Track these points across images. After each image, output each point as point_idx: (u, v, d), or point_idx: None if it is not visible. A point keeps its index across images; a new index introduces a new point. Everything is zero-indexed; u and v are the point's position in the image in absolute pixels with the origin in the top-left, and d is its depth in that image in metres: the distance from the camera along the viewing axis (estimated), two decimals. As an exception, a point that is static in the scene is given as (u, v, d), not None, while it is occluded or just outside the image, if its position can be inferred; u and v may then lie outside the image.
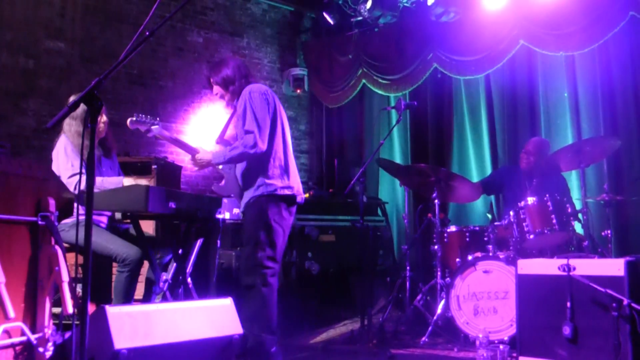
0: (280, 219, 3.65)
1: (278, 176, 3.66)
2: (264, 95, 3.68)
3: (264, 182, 3.62)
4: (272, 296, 3.59)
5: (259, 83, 3.85)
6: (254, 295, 3.55)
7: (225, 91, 3.82)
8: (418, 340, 4.57)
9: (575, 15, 5.86)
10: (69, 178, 3.86)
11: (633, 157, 5.79)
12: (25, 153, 5.77)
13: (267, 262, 3.58)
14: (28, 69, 5.98)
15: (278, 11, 8.24)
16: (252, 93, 3.66)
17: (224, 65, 3.82)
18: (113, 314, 2.74)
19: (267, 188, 3.61)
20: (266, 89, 3.75)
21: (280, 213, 3.65)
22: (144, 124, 3.78)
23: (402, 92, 7.26)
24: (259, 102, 3.64)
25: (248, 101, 3.64)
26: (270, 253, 3.59)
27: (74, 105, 2.17)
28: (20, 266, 3.00)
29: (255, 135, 3.55)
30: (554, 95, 6.39)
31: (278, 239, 3.63)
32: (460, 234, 5.05)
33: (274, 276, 3.63)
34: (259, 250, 3.57)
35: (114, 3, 6.63)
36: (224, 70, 3.79)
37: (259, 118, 3.59)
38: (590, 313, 3.52)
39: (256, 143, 3.54)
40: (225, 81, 3.79)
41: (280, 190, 3.63)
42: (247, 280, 3.59)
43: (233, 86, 3.78)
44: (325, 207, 6.50)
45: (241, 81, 3.78)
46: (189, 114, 7.17)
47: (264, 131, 3.59)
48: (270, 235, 3.59)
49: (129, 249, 3.80)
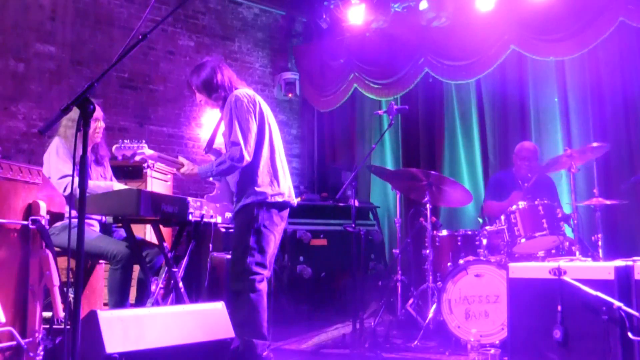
0: (272, 225, 3.62)
1: (268, 184, 3.62)
2: (249, 102, 3.61)
3: (254, 190, 3.59)
4: (261, 302, 3.55)
5: (244, 87, 3.76)
6: (242, 300, 3.52)
7: (207, 97, 3.72)
8: (410, 344, 4.57)
9: (565, 20, 5.91)
10: (59, 179, 3.84)
11: (623, 162, 5.83)
12: (14, 157, 5.74)
13: (256, 268, 3.54)
14: (18, 72, 5.95)
15: (269, 15, 8.25)
16: (237, 101, 3.59)
17: (203, 69, 3.70)
18: (104, 318, 2.73)
19: (258, 197, 3.58)
20: (251, 95, 3.68)
21: (271, 218, 3.63)
22: (129, 149, 3.76)
23: (393, 97, 7.28)
24: (244, 111, 3.57)
25: (233, 110, 3.57)
26: (259, 259, 3.56)
27: (66, 108, 2.16)
28: (11, 270, 2.98)
29: (241, 148, 3.50)
30: (544, 100, 6.43)
31: (268, 245, 3.60)
32: (451, 238, 5.07)
33: (263, 282, 3.58)
34: (248, 256, 3.53)
35: (105, 7, 6.61)
36: (202, 74, 3.68)
37: (244, 128, 3.54)
38: (581, 317, 3.53)
39: (242, 156, 3.50)
40: (205, 85, 3.68)
41: (270, 198, 3.60)
42: (236, 286, 3.56)
43: (215, 93, 3.68)
44: (317, 211, 6.50)
45: (224, 86, 3.67)
46: (180, 118, 7.16)
47: (249, 142, 3.55)
48: (260, 240, 3.57)
49: (118, 246, 3.81)
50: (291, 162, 8.10)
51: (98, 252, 3.82)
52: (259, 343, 3.52)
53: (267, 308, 3.60)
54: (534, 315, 3.73)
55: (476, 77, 6.69)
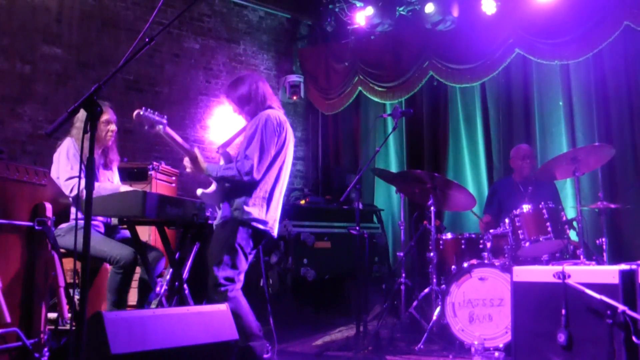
0: (247, 246, 3.57)
1: (259, 205, 3.58)
2: (277, 126, 3.62)
3: (242, 207, 3.53)
4: (240, 307, 3.51)
5: (277, 108, 3.76)
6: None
7: (240, 110, 3.75)
8: (413, 347, 4.57)
9: (570, 24, 5.91)
10: (66, 181, 3.86)
11: (627, 166, 5.82)
12: (20, 158, 5.76)
13: (225, 282, 3.50)
14: (24, 74, 5.98)
15: (275, 18, 8.26)
16: (268, 121, 3.59)
17: (241, 84, 3.73)
18: (110, 319, 2.74)
19: (242, 215, 3.53)
20: (282, 121, 3.68)
21: (248, 240, 3.57)
22: (151, 120, 3.55)
23: (398, 100, 7.29)
24: (271, 132, 3.57)
25: (261, 127, 3.56)
26: (230, 274, 3.52)
27: (73, 110, 2.18)
28: (17, 271, 2.99)
29: (254, 164, 3.49)
30: (549, 104, 6.43)
31: (240, 264, 3.56)
32: (455, 241, 5.07)
33: (234, 290, 3.54)
34: (220, 270, 3.50)
35: (111, 9, 6.64)
36: (240, 89, 3.71)
37: (264, 148, 3.53)
38: (585, 320, 3.53)
39: (251, 171, 3.48)
40: (240, 100, 3.72)
41: (254, 222, 3.56)
42: (212, 297, 3.52)
43: (248, 106, 3.71)
44: (321, 213, 6.51)
45: (257, 100, 3.69)
46: (185, 120, 7.18)
47: (263, 163, 3.54)
48: (234, 258, 3.53)
49: (122, 250, 3.81)
50: (295, 165, 8.11)
51: (102, 256, 3.82)
52: (256, 345, 3.50)
53: (249, 308, 3.55)
54: (538, 318, 3.73)
55: (481, 81, 6.69)
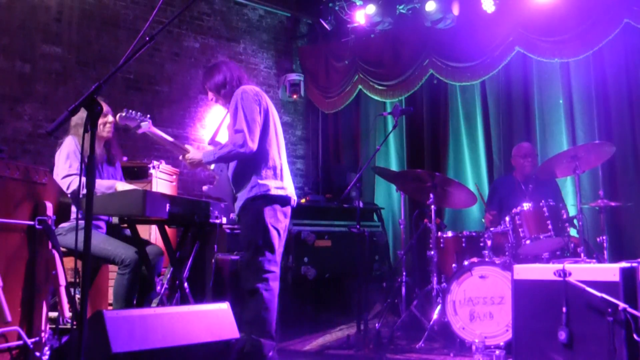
0: (276, 222, 3.65)
1: (271, 177, 3.65)
2: (255, 96, 3.69)
3: (257, 182, 3.61)
4: (273, 301, 3.59)
5: (251, 85, 3.85)
6: (255, 299, 3.54)
7: (218, 95, 3.86)
8: (414, 345, 4.58)
9: (570, 22, 5.91)
10: (63, 178, 3.84)
11: (628, 164, 5.82)
12: (21, 157, 5.76)
13: (268, 266, 3.58)
14: (24, 73, 5.97)
15: (274, 17, 8.26)
16: (243, 94, 3.67)
17: (216, 71, 3.84)
18: (110, 317, 2.74)
19: (260, 189, 3.60)
20: (258, 91, 3.76)
21: (276, 215, 3.65)
22: (133, 120, 3.76)
23: (398, 98, 7.28)
24: (250, 102, 3.64)
25: (239, 101, 3.64)
26: (270, 257, 3.60)
27: (73, 109, 2.18)
28: (18, 270, 2.99)
29: (245, 134, 3.55)
30: (549, 102, 6.43)
31: (276, 242, 3.63)
32: (456, 240, 5.07)
33: (276, 280, 3.63)
34: (259, 255, 3.57)
35: (111, 8, 6.63)
36: (215, 77, 3.82)
37: (249, 118, 3.60)
38: (586, 318, 3.53)
39: (245, 142, 3.54)
40: (217, 87, 3.83)
41: (273, 191, 3.62)
42: (249, 285, 3.57)
43: (224, 90, 3.81)
44: (322, 212, 6.50)
45: (232, 84, 3.79)
46: (185, 119, 7.17)
47: (253, 131, 3.59)
48: (268, 239, 3.59)
49: (126, 250, 3.78)
50: (295, 163, 8.10)
51: (105, 256, 3.79)
52: (267, 343, 3.52)
53: (276, 306, 3.62)
54: (539, 316, 3.73)
55: (481, 79, 6.68)
